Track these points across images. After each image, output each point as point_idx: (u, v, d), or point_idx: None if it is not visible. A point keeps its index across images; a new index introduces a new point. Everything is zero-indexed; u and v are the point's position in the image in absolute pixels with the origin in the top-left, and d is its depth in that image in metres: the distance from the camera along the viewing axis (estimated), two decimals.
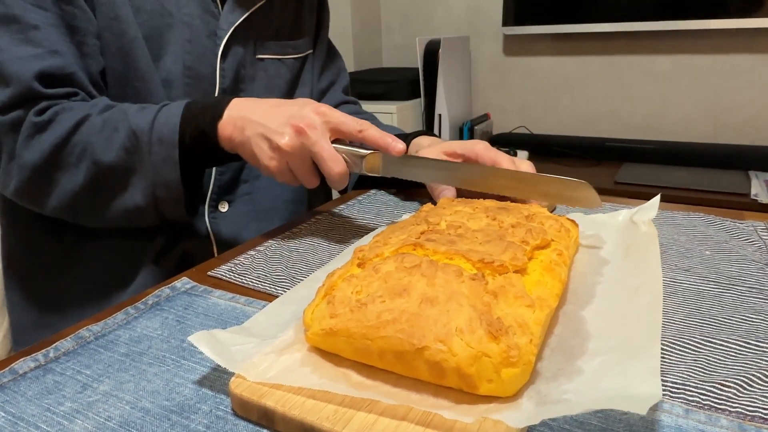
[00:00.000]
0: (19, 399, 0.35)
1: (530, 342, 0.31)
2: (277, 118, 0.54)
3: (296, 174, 0.56)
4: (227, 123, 0.56)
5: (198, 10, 0.67)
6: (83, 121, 0.57)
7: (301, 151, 0.54)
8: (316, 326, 0.34)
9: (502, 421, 0.28)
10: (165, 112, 0.57)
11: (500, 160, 0.59)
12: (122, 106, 0.59)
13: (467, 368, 0.29)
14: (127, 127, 0.56)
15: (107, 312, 0.45)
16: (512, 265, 0.36)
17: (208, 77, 0.69)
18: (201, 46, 0.68)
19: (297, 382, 0.32)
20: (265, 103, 0.57)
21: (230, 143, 0.56)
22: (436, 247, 0.38)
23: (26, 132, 0.57)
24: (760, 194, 1.44)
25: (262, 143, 0.54)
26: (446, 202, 0.51)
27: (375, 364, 0.33)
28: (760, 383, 0.33)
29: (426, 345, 0.30)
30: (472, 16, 2.10)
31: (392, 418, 0.29)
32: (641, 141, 1.86)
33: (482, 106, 2.17)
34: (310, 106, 0.55)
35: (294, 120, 0.53)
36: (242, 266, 0.53)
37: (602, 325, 0.36)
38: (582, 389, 0.30)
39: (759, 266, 0.48)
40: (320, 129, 0.54)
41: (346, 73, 0.94)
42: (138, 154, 0.56)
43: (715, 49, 1.75)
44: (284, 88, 0.80)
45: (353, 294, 0.34)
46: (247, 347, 0.35)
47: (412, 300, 0.33)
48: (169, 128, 0.56)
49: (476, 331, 0.30)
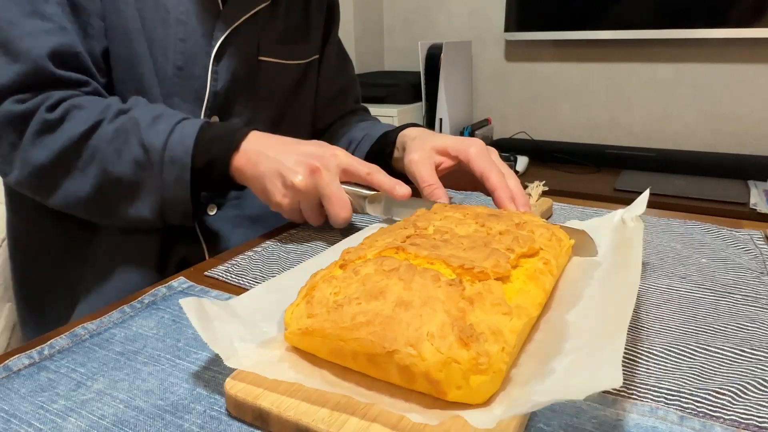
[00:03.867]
0: (13, 396, 0.35)
1: (502, 350, 0.30)
2: (292, 156, 0.55)
3: (305, 212, 0.57)
4: (242, 155, 0.56)
5: (195, 7, 0.66)
6: (96, 127, 0.57)
7: (313, 191, 0.55)
8: (294, 325, 0.34)
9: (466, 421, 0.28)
10: (179, 131, 0.57)
11: (489, 174, 0.58)
12: (135, 114, 0.58)
13: (436, 374, 0.29)
14: (140, 140, 0.56)
15: (103, 310, 0.45)
16: (494, 272, 0.35)
17: (201, 78, 0.68)
18: (194, 46, 0.66)
19: (273, 375, 0.32)
20: (282, 140, 0.58)
21: (241, 175, 0.57)
22: (418, 251, 0.38)
23: (36, 127, 0.56)
24: (759, 204, 1.44)
25: (276, 180, 0.55)
26: (439, 208, 0.51)
27: (349, 366, 0.33)
28: (755, 391, 0.33)
29: (396, 348, 0.30)
30: (474, 21, 2.10)
31: (387, 421, 0.29)
32: (641, 148, 1.86)
33: (483, 111, 2.17)
34: (325, 147, 0.57)
35: (309, 160, 0.55)
36: (239, 267, 0.53)
37: (582, 325, 0.36)
38: (550, 389, 0.29)
39: (755, 275, 0.48)
40: (333, 171, 0.55)
41: (357, 83, 0.92)
42: (149, 170, 0.56)
43: (716, 58, 1.75)
44: (285, 93, 0.79)
45: (332, 295, 0.34)
46: (229, 328, 0.35)
47: (387, 303, 0.32)
48: (183, 150, 0.56)
49: (447, 337, 0.30)
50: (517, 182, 0.58)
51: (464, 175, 0.63)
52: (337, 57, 0.88)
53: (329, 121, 0.88)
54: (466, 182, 0.66)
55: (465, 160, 0.60)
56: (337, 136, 0.86)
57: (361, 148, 0.78)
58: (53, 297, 0.69)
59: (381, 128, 0.78)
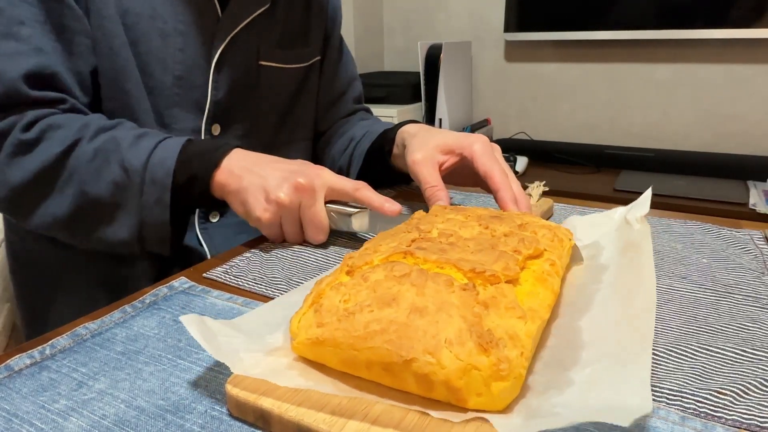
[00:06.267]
0: (14, 396, 0.35)
1: (521, 355, 0.30)
2: (277, 173, 0.55)
3: (285, 229, 0.57)
4: (223, 171, 0.55)
5: (194, 16, 0.65)
6: (73, 147, 0.55)
7: (296, 209, 0.55)
8: (303, 335, 0.33)
9: (490, 423, 0.28)
10: (161, 151, 0.55)
11: (492, 174, 0.57)
12: (116, 134, 0.56)
13: (456, 381, 0.29)
14: (120, 161, 0.55)
15: (104, 310, 0.45)
16: (504, 275, 0.35)
17: (201, 87, 0.67)
18: (194, 56, 0.66)
19: (283, 382, 0.32)
20: (267, 158, 0.57)
21: (222, 190, 0.56)
22: (426, 255, 0.37)
23: (10, 149, 0.55)
24: (758, 204, 1.45)
25: (260, 194, 0.54)
26: (438, 210, 0.50)
27: (362, 376, 0.32)
28: (756, 391, 0.33)
29: (414, 357, 0.29)
30: (474, 21, 2.10)
31: (388, 422, 0.29)
32: (641, 149, 1.86)
33: (483, 112, 2.17)
34: (310, 166, 0.56)
35: (295, 177, 0.54)
36: (238, 268, 0.53)
37: (596, 333, 0.36)
38: (571, 402, 0.29)
39: (755, 275, 0.48)
40: (318, 190, 0.55)
41: (359, 82, 0.91)
42: (129, 192, 0.55)
43: (715, 59, 1.75)
44: (287, 96, 0.78)
45: (341, 303, 0.33)
46: (234, 341, 0.35)
47: (401, 310, 0.32)
48: (164, 171, 0.54)
49: (466, 344, 0.29)
50: (518, 184, 0.58)
51: (465, 170, 0.63)
52: (339, 57, 0.87)
53: (331, 122, 0.88)
54: (467, 178, 0.65)
55: (469, 156, 0.60)
56: (337, 135, 0.86)
57: (362, 146, 0.77)
58: (56, 312, 0.68)
59: (381, 126, 0.78)
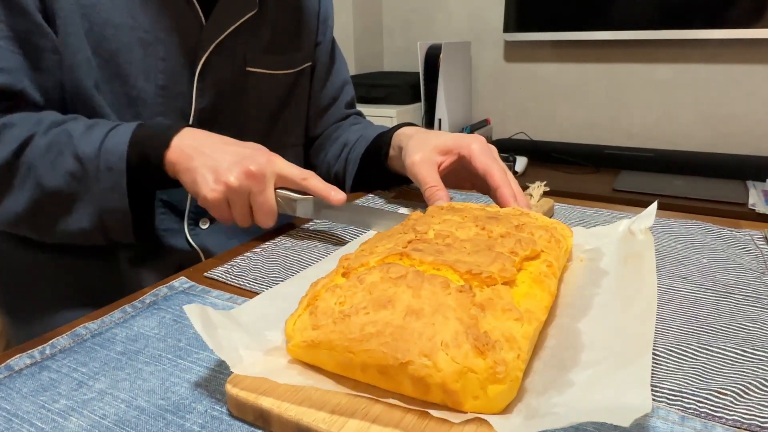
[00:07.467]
0: (14, 396, 0.35)
1: (518, 357, 0.30)
2: (228, 156, 0.55)
3: (234, 211, 0.56)
4: (174, 151, 0.55)
5: (177, 24, 0.64)
6: (28, 143, 0.55)
7: (245, 193, 0.55)
8: (298, 337, 0.33)
9: (489, 423, 0.28)
10: (112, 137, 0.55)
11: (492, 171, 0.57)
12: (68, 126, 0.56)
13: (452, 384, 0.29)
14: (73, 151, 0.54)
15: (104, 310, 0.45)
16: (501, 276, 0.35)
17: (185, 95, 0.66)
18: (177, 65, 0.65)
19: (283, 380, 0.32)
20: (218, 138, 0.57)
21: (173, 169, 0.56)
22: (422, 257, 0.37)
23: None
24: (758, 204, 1.45)
25: (208, 175, 0.54)
26: (435, 210, 0.50)
27: (358, 378, 0.32)
28: (756, 391, 0.33)
29: (410, 359, 0.29)
30: (473, 21, 2.10)
31: (388, 421, 0.29)
32: (640, 149, 1.87)
33: (482, 112, 2.18)
34: (262, 152, 0.56)
35: (246, 162, 0.54)
36: (239, 267, 0.53)
37: (596, 336, 0.36)
38: (571, 402, 0.29)
39: (756, 275, 0.48)
40: (268, 177, 0.55)
41: (351, 86, 0.90)
42: (84, 181, 0.55)
43: (715, 59, 1.75)
44: (276, 103, 0.76)
45: (336, 305, 0.33)
46: (234, 336, 0.35)
47: (397, 312, 0.31)
48: (117, 156, 0.54)
49: (462, 346, 0.29)
50: (516, 182, 0.58)
51: (463, 171, 0.62)
52: (331, 62, 0.86)
53: (323, 128, 0.87)
54: (464, 180, 0.65)
55: (467, 155, 0.60)
56: (330, 140, 0.85)
57: (356, 150, 0.77)
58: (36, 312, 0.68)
59: (375, 130, 0.77)
